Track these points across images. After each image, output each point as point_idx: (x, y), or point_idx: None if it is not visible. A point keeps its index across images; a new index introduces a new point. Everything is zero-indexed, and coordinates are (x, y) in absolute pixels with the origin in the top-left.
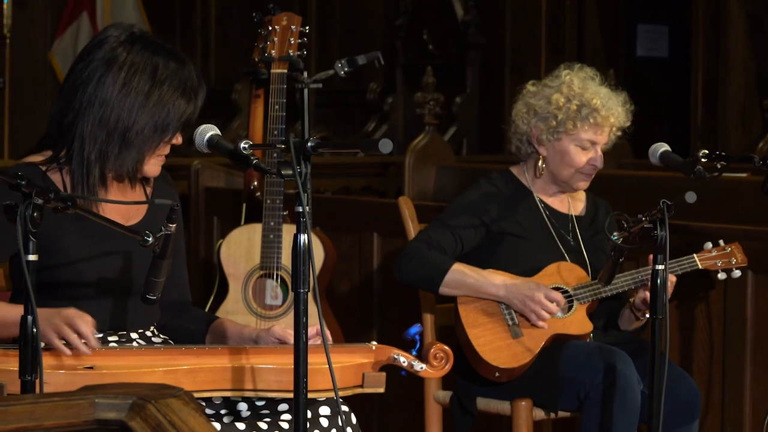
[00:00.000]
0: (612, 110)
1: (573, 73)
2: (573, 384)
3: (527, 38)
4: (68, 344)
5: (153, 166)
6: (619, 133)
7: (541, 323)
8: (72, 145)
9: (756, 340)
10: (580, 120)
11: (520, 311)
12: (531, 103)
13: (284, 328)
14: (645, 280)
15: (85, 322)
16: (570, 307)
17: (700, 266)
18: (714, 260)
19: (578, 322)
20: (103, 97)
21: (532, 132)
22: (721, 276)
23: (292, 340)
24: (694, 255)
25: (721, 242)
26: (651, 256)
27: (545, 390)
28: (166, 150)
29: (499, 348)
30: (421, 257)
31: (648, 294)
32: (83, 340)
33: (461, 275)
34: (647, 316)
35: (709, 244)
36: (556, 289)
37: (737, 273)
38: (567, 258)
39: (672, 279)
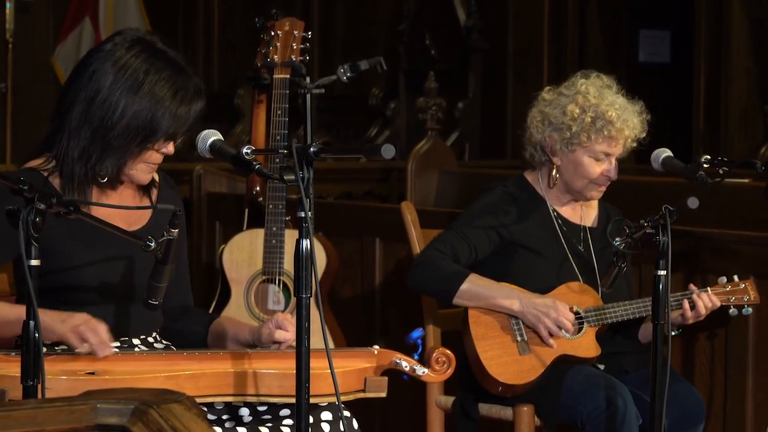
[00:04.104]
0: (627, 122)
1: (589, 82)
2: (572, 411)
3: (529, 43)
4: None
5: (140, 173)
6: (635, 144)
7: (551, 341)
8: (61, 142)
9: (757, 345)
10: (594, 132)
11: (533, 326)
12: (546, 112)
13: (269, 324)
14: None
15: (104, 330)
16: (580, 329)
17: None
18: (727, 296)
19: (586, 345)
20: (92, 93)
21: (546, 141)
22: (732, 312)
23: (284, 328)
24: (708, 289)
25: (736, 278)
26: (691, 285)
27: (544, 409)
28: (157, 158)
29: (505, 363)
30: (436, 267)
31: (683, 315)
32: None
33: (476, 287)
34: (674, 332)
35: (724, 279)
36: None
37: (749, 310)
38: (579, 275)
39: (717, 304)
